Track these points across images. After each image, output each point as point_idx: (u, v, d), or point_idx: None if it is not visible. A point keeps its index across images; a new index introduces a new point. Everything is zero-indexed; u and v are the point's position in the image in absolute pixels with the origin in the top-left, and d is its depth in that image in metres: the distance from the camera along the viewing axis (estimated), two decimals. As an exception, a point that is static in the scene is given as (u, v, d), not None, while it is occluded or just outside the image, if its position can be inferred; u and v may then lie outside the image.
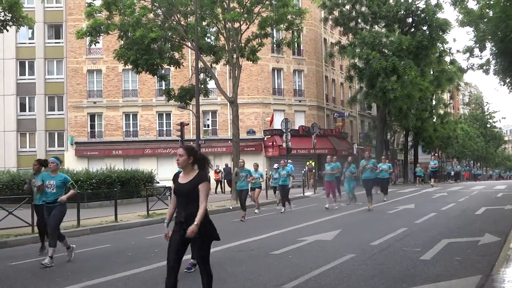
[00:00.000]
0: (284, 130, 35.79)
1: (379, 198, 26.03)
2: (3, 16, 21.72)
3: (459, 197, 28.24)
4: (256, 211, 22.53)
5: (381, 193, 27.31)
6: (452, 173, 64.65)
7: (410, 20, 53.13)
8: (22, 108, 53.30)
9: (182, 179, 6.95)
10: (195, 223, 6.61)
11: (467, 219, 17.71)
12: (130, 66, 34.70)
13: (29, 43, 53.23)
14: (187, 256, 10.06)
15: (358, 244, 12.36)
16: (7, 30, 22.53)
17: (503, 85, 38.47)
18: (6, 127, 52.00)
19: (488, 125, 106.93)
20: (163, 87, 42.35)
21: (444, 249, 11.37)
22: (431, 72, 59.02)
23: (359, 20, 52.33)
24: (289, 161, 43.31)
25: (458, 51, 71.55)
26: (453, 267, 9.63)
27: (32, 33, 52.61)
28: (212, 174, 42.38)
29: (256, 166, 22.77)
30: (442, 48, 55.08)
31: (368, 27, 51.93)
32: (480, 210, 20.26)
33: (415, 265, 9.81)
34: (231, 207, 25.14)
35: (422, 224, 16.30)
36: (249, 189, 21.42)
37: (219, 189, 42.12)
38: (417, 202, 25.27)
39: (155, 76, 36.71)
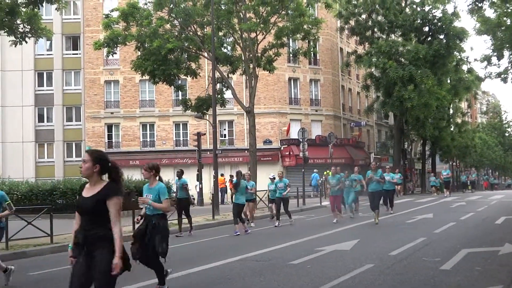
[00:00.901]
0: (301, 140, 35.69)
1: (383, 211, 24.23)
2: (22, 28, 21.91)
3: (478, 206, 28.00)
4: (252, 224, 21.04)
5: (385, 205, 24.76)
6: (468, 182, 63.87)
7: (426, 29, 52.99)
8: (40, 119, 53.66)
9: (87, 192, 5.75)
10: (117, 255, 5.37)
11: (486, 229, 17.56)
12: (147, 77, 34.98)
13: (47, 55, 53.63)
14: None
15: (377, 254, 12.28)
16: (26, 42, 22.70)
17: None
18: (25, 137, 52.35)
19: (507, 134, 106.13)
20: (180, 97, 42.61)
21: (464, 259, 11.26)
22: (448, 81, 58.79)
23: (376, 29, 52.29)
24: (315, 170, 43.35)
25: (475, 59, 70.96)
26: (473, 277, 9.53)
27: (50, 45, 52.99)
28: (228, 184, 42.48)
29: (249, 176, 22.11)
30: (459, 57, 55.00)
31: (384, 36, 51.88)
32: (499, 220, 20.06)
33: (435, 275, 9.71)
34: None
35: (441, 233, 16.16)
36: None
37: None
38: (435, 211, 25.05)
39: (172, 87, 36.94)
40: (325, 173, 43.15)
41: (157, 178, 9.40)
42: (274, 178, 22.50)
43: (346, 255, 12.43)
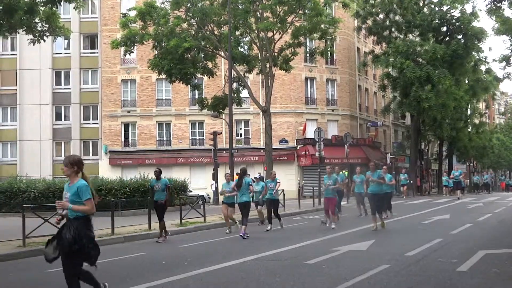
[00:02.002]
0: (317, 140, 35.59)
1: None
2: (40, 27, 22.06)
3: (495, 208, 27.79)
4: (227, 231, 19.14)
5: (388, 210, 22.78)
6: (480, 184, 63.04)
7: (444, 29, 52.64)
8: (58, 117, 54.04)
9: None
10: None
11: (504, 230, 17.42)
12: (163, 76, 35.09)
13: (65, 53, 54.00)
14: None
15: (393, 254, 12.21)
16: (44, 40, 22.86)
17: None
18: (42, 136, 52.76)
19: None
20: (196, 96, 42.72)
21: (481, 261, 11.16)
22: (466, 81, 58.40)
23: (393, 29, 52.04)
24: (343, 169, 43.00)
25: (494, 60, 70.49)
26: (490, 279, 9.45)
27: (68, 44, 53.35)
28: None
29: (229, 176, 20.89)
30: (477, 57, 54.57)
31: (402, 36, 51.61)
32: (517, 221, 19.92)
33: (451, 277, 9.63)
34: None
35: (458, 235, 16.04)
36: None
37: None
38: (452, 212, 24.88)
39: (189, 86, 37.04)
40: (341, 172, 42.98)
41: (79, 175, 7.88)
42: (261, 178, 21.73)
43: (362, 255, 12.39)
